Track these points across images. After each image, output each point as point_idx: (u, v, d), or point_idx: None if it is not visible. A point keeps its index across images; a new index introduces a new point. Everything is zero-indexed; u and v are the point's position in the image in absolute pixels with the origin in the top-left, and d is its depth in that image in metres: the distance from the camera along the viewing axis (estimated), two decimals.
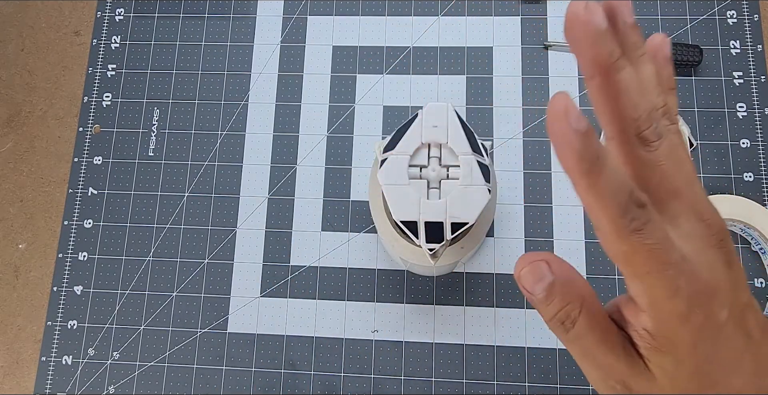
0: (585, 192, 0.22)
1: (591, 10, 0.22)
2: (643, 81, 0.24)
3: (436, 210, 0.38)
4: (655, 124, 0.24)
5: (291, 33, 0.62)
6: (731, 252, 0.25)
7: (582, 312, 0.25)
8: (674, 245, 0.23)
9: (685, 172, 0.25)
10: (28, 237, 0.59)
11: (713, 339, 0.24)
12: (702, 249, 0.24)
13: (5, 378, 0.55)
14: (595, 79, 0.24)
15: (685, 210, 0.25)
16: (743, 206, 0.51)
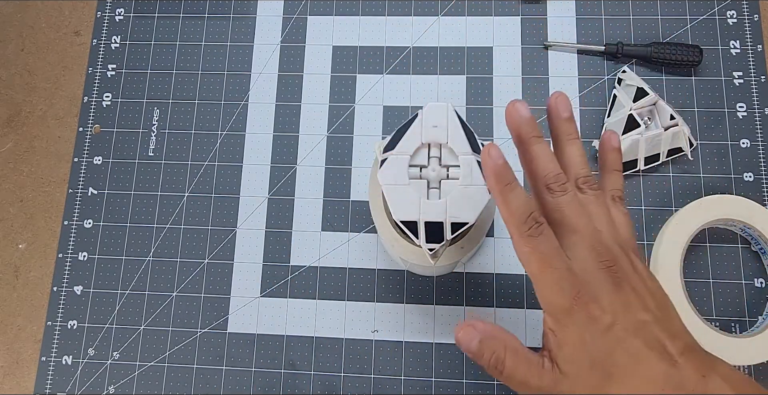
0: (501, 203, 0.33)
1: (518, 106, 0.35)
2: (565, 155, 0.37)
3: (436, 210, 0.38)
4: (561, 182, 0.34)
5: (291, 33, 0.62)
6: (621, 279, 0.32)
7: (507, 354, 0.33)
8: (563, 256, 0.32)
9: (587, 218, 0.34)
10: (28, 237, 0.59)
11: (602, 338, 0.31)
12: (589, 268, 0.32)
13: (5, 378, 0.55)
14: (519, 147, 0.36)
15: (580, 242, 0.33)
16: (743, 206, 0.51)
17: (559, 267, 0.32)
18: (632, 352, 0.30)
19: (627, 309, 0.31)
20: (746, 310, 0.52)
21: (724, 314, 0.52)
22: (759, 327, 0.51)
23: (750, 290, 0.52)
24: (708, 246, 0.54)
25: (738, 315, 0.52)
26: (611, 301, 0.31)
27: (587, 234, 0.33)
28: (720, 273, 0.53)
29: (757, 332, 0.50)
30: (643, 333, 0.31)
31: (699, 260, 0.53)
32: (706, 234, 0.54)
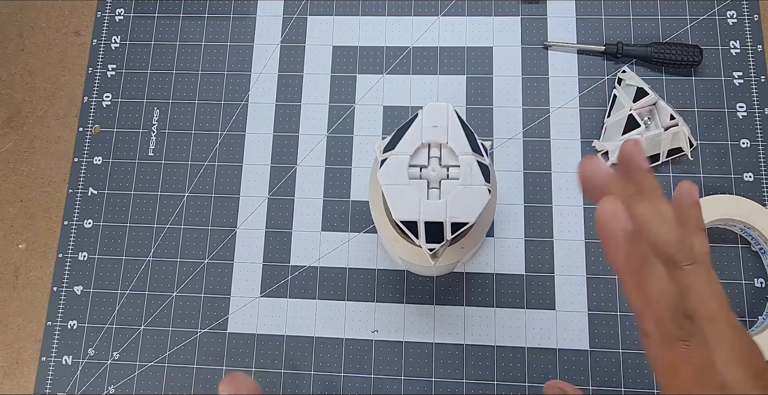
0: (635, 293, 0.24)
1: (618, 215, 0.24)
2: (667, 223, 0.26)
3: (436, 210, 0.38)
4: (687, 251, 0.25)
5: (291, 33, 0.62)
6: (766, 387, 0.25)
7: None
8: (716, 369, 0.24)
9: (720, 299, 0.25)
10: (28, 237, 0.59)
11: None
12: (742, 380, 0.24)
13: (5, 378, 0.55)
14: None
15: (722, 335, 0.25)
16: (743, 206, 0.52)
17: (716, 385, 0.24)
18: None
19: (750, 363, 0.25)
20: (746, 310, 0.52)
21: None
22: (759, 327, 0.51)
23: (750, 290, 0.52)
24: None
25: (738, 315, 0.52)
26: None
27: (725, 323, 0.25)
28: (720, 273, 0.53)
29: (757, 332, 0.50)
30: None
31: None
32: (706, 235, 0.54)
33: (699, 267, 0.26)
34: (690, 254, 0.26)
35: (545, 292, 0.53)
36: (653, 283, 0.23)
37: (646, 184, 0.28)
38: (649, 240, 0.25)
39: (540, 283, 0.53)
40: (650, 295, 0.23)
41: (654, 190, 0.28)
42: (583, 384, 0.51)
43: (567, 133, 0.57)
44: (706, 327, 0.25)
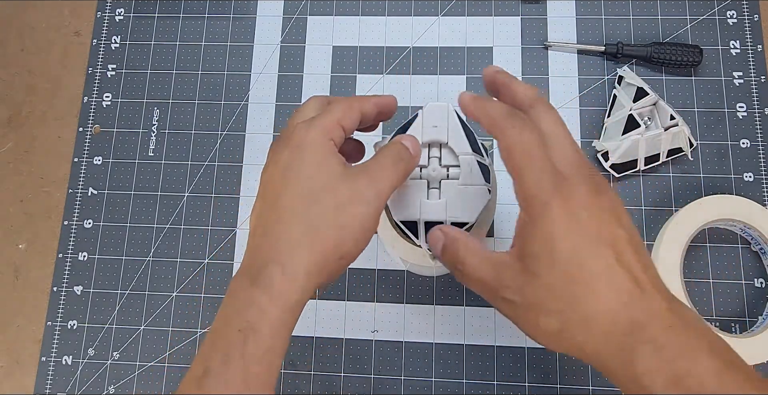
0: (480, 112, 0.33)
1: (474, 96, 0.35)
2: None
3: (436, 210, 0.38)
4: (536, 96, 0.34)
5: (291, 33, 0.62)
6: (602, 189, 0.31)
7: (467, 253, 0.33)
8: (545, 149, 0.31)
9: (565, 128, 0.33)
10: (28, 237, 0.59)
11: (575, 236, 0.30)
12: (572, 169, 0.31)
13: (5, 378, 0.55)
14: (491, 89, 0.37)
15: (562, 145, 0.32)
16: (743, 206, 0.51)
17: (542, 157, 0.30)
18: (603, 260, 0.29)
19: (604, 218, 0.30)
20: (746, 310, 0.52)
21: (724, 314, 0.52)
22: (759, 327, 0.51)
23: (750, 290, 0.52)
24: (708, 246, 0.54)
25: (738, 315, 0.52)
26: (590, 205, 0.30)
27: (568, 141, 0.32)
28: (720, 273, 0.53)
29: (757, 332, 0.50)
30: (617, 247, 0.29)
31: (699, 260, 0.53)
32: (706, 234, 0.54)
33: (538, 104, 0.33)
34: (527, 100, 0.34)
35: None
36: (489, 104, 0.33)
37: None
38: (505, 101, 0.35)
39: None
40: (489, 110, 0.33)
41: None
42: (583, 383, 0.51)
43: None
44: (541, 122, 0.32)
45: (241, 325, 0.32)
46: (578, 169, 0.31)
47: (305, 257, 0.33)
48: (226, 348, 0.31)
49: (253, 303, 0.32)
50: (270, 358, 0.32)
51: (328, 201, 0.33)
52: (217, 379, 0.31)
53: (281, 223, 0.33)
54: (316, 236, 0.33)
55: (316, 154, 0.34)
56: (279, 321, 0.32)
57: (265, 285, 0.32)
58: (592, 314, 0.29)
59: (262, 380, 0.32)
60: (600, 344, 0.29)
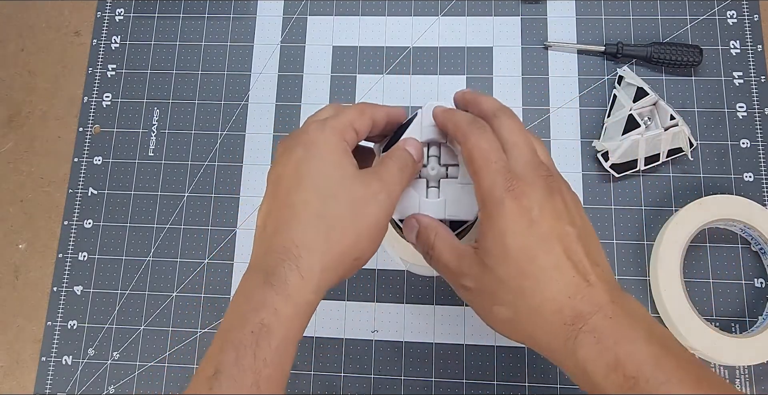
0: (447, 119, 0.37)
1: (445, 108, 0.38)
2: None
3: (436, 208, 0.38)
4: (500, 109, 0.37)
5: (291, 33, 0.62)
6: (554, 189, 0.33)
7: (436, 239, 0.35)
8: (502, 155, 0.34)
9: (525, 136, 0.35)
10: (28, 237, 0.59)
11: (526, 231, 0.32)
12: (527, 171, 0.33)
13: (5, 378, 0.55)
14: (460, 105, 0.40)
15: (519, 150, 0.34)
16: (743, 206, 0.51)
17: (498, 161, 0.33)
18: (551, 255, 0.31)
19: (555, 215, 0.32)
20: (746, 310, 0.52)
21: (724, 314, 0.52)
22: (759, 327, 0.51)
23: (750, 290, 0.52)
24: (708, 246, 0.54)
25: (738, 315, 0.52)
26: (542, 204, 0.32)
27: (526, 146, 0.34)
28: (720, 273, 0.53)
29: (757, 332, 0.50)
30: (566, 243, 0.32)
31: (699, 260, 0.53)
32: (706, 234, 0.54)
33: (501, 113, 0.36)
34: (491, 110, 0.36)
35: None
36: (457, 114, 0.36)
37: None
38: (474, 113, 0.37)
39: None
40: (455, 118, 0.36)
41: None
42: None
43: (567, 133, 0.57)
44: (503, 129, 0.35)
45: (254, 326, 0.31)
46: (533, 171, 0.33)
47: (321, 257, 0.33)
48: (238, 348, 0.31)
49: (267, 303, 0.31)
50: (282, 360, 0.32)
51: (343, 200, 0.33)
52: (228, 380, 0.31)
53: (295, 221, 0.33)
54: (332, 236, 0.33)
55: (331, 152, 0.35)
56: (292, 322, 0.32)
57: (280, 284, 0.32)
58: (540, 305, 0.31)
59: (273, 381, 0.31)
60: (547, 334, 0.31)
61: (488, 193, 0.32)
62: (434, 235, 0.35)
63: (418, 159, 0.38)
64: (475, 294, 0.33)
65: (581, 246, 0.32)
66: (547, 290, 0.31)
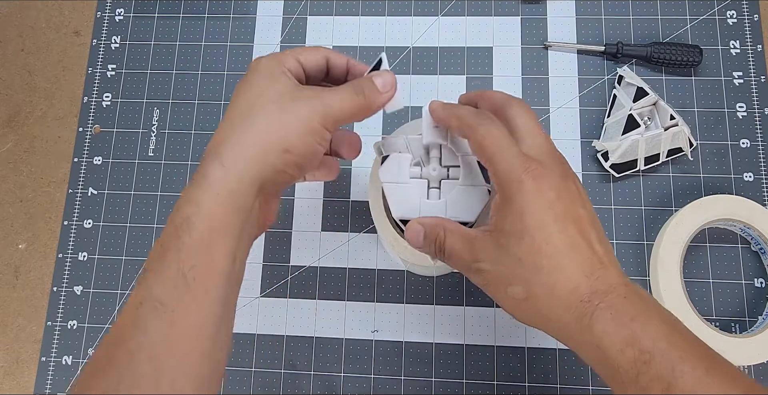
0: (450, 114, 0.36)
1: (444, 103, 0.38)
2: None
3: (436, 210, 0.38)
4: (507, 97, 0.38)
5: (291, 33, 0.62)
6: (568, 175, 0.34)
7: (446, 234, 0.35)
8: (514, 140, 0.34)
9: (535, 121, 0.36)
10: (28, 237, 0.59)
11: (543, 211, 0.33)
12: (542, 155, 0.34)
13: (5, 378, 0.55)
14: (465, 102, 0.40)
15: (531, 136, 0.35)
16: (743, 206, 0.51)
17: (512, 145, 0.33)
18: (567, 235, 0.32)
19: (570, 198, 0.33)
20: (746, 310, 0.52)
21: (724, 314, 0.52)
22: (759, 327, 0.51)
23: (750, 290, 0.52)
24: (708, 246, 0.54)
25: (738, 315, 0.52)
26: (558, 186, 0.33)
27: (542, 133, 0.35)
28: (720, 273, 0.53)
29: (757, 332, 0.50)
30: (580, 225, 0.32)
31: (699, 260, 0.53)
32: (706, 234, 0.54)
33: (513, 102, 0.36)
34: (502, 101, 0.36)
35: None
36: (459, 109, 0.36)
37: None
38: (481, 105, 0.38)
39: None
40: (459, 112, 0.36)
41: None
42: (583, 383, 0.51)
43: (567, 133, 0.57)
44: (516, 117, 0.35)
45: (177, 222, 0.33)
46: (549, 155, 0.34)
47: (242, 147, 0.34)
48: (163, 245, 0.33)
49: (189, 199, 0.33)
50: (207, 252, 0.32)
51: (272, 105, 0.36)
52: (154, 274, 0.32)
53: (225, 125, 0.36)
54: (254, 128, 0.35)
55: (268, 73, 0.38)
56: (214, 212, 0.33)
57: (201, 179, 0.34)
58: (556, 283, 0.31)
59: (200, 274, 0.32)
60: (562, 310, 0.31)
61: (506, 175, 0.33)
62: (443, 231, 0.36)
63: (383, 90, 0.38)
64: (491, 276, 0.34)
65: (594, 230, 0.33)
66: (563, 268, 0.31)
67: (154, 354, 0.30)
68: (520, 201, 0.32)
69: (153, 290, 0.31)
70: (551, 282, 0.31)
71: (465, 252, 0.34)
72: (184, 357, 0.31)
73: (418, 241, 0.37)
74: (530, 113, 0.36)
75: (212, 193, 0.33)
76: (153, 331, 0.31)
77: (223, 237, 0.33)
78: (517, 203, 0.32)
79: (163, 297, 0.31)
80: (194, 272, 0.32)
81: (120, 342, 0.31)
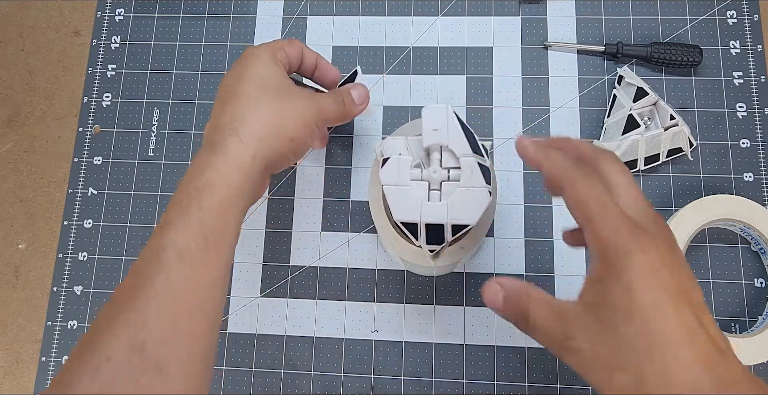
0: (544, 160, 0.34)
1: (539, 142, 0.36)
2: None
3: (437, 212, 0.38)
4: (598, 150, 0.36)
5: (291, 33, 0.62)
6: (673, 240, 0.32)
7: (530, 302, 0.32)
8: (614, 200, 0.32)
9: (629, 176, 0.34)
10: (28, 237, 0.59)
11: (657, 291, 0.29)
12: (643, 218, 0.32)
13: (5, 378, 0.55)
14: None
15: (627, 191, 0.33)
16: (743, 206, 0.51)
17: (615, 207, 0.31)
18: (684, 319, 0.28)
19: (682, 273, 0.29)
20: (746, 310, 0.52)
21: (724, 314, 0.52)
22: (759, 327, 0.51)
23: (750, 290, 0.52)
24: (708, 246, 0.54)
25: (738, 315, 0.52)
26: (669, 258, 0.29)
27: (636, 190, 0.33)
28: (720, 273, 0.53)
29: (757, 332, 0.50)
30: (695, 307, 0.29)
31: (699, 260, 0.53)
32: (706, 234, 0.54)
33: (605, 155, 0.35)
34: (592, 153, 0.35)
35: None
36: (553, 155, 0.34)
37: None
38: (571, 154, 0.35)
39: (540, 283, 0.53)
40: (554, 160, 0.34)
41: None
42: (583, 384, 0.51)
43: (567, 133, 0.57)
44: (610, 173, 0.33)
45: (198, 183, 0.37)
46: (652, 219, 0.31)
47: (256, 128, 0.40)
48: (183, 202, 0.36)
49: (210, 164, 0.37)
50: (225, 215, 0.37)
51: (275, 92, 0.42)
52: (176, 227, 0.35)
53: (235, 103, 0.41)
54: (266, 113, 0.40)
55: (267, 60, 0.43)
56: (232, 179, 0.38)
57: (221, 149, 0.38)
58: (674, 375, 0.27)
59: (218, 233, 0.36)
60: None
61: (610, 243, 0.29)
62: (527, 298, 0.32)
63: (359, 101, 0.47)
64: (589, 357, 0.29)
65: (706, 311, 0.29)
66: (682, 358, 0.27)
67: (176, 298, 0.34)
68: (629, 275, 0.29)
69: (176, 241, 0.35)
70: (668, 373, 0.27)
71: (555, 327, 0.31)
72: (202, 302, 0.35)
73: (496, 304, 0.34)
74: (625, 169, 0.34)
75: (232, 163, 0.38)
76: (175, 276, 0.34)
77: (235, 204, 0.38)
78: (625, 277, 0.29)
79: (184, 250, 0.35)
80: (213, 233, 0.36)
81: (141, 283, 0.34)
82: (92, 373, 0.31)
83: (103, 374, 0.31)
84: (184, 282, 0.34)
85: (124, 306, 0.33)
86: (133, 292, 0.33)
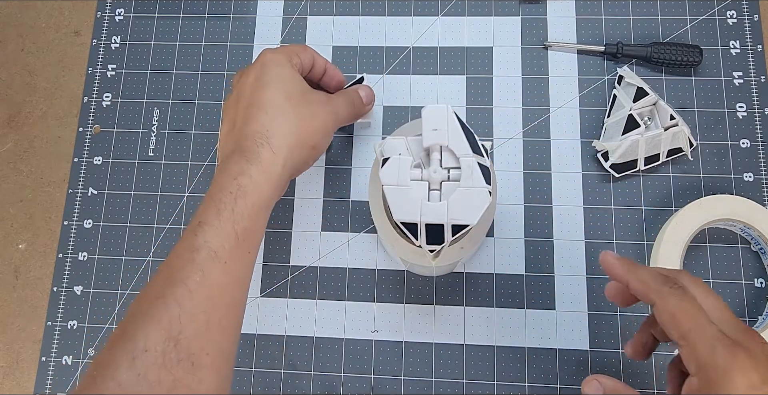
0: (632, 277, 0.36)
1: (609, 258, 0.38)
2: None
3: (437, 212, 0.38)
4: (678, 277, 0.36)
5: (291, 33, 0.62)
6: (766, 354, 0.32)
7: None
8: (708, 317, 0.32)
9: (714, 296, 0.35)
10: (28, 237, 0.59)
11: None
12: (737, 334, 0.32)
13: (5, 378, 0.55)
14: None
15: (717, 309, 0.34)
16: (743, 206, 0.51)
17: (709, 323, 0.31)
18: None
19: None
20: (746, 310, 0.52)
21: None
22: (759, 327, 0.51)
23: (750, 290, 0.52)
24: (708, 246, 0.54)
25: (738, 315, 0.52)
26: (766, 376, 0.30)
27: (725, 307, 0.34)
28: (720, 273, 0.53)
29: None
30: None
31: (699, 260, 0.53)
32: (706, 234, 0.54)
33: (683, 274, 0.36)
34: (671, 272, 0.36)
35: (545, 292, 0.53)
36: (640, 270, 0.36)
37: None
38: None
39: (540, 283, 0.53)
40: (641, 275, 0.35)
41: None
42: None
43: (567, 133, 0.57)
44: (696, 290, 0.34)
45: (233, 188, 0.39)
46: (750, 337, 0.32)
47: (287, 138, 0.42)
48: (219, 205, 0.38)
49: (243, 172, 0.40)
50: (256, 219, 0.40)
51: (301, 101, 0.43)
52: (210, 228, 0.37)
53: (263, 112, 0.42)
54: (294, 123, 0.42)
55: (287, 67, 0.44)
56: (264, 188, 0.40)
57: (255, 158, 0.40)
58: None
59: (249, 235, 0.39)
60: None
61: (709, 361, 0.30)
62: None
63: (366, 101, 0.50)
64: None
65: None
66: None
67: (209, 294, 0.36)
68: (728, 391, 0.30)
69: (210, 242, 0.37)
70: None
71: None
72: (232, 298, 0.38)
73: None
74: (706, 286, 0.35)
75: (265, 172, 0.40)
76: (209, 274, 0.36)
77: (265, 209, 0.41)
78: (724, 393, 0.30)
79: (218, 249, 0.37)
80: (245, 234, 0.38)
81: (177, 280, 0.36)
82: (128, 363, 0.33)
83: (140, 363, 0.33)
84: (217, 281, 0.36)
85: (159, 301, 0.35)
86: (167, 289, 0.35)
